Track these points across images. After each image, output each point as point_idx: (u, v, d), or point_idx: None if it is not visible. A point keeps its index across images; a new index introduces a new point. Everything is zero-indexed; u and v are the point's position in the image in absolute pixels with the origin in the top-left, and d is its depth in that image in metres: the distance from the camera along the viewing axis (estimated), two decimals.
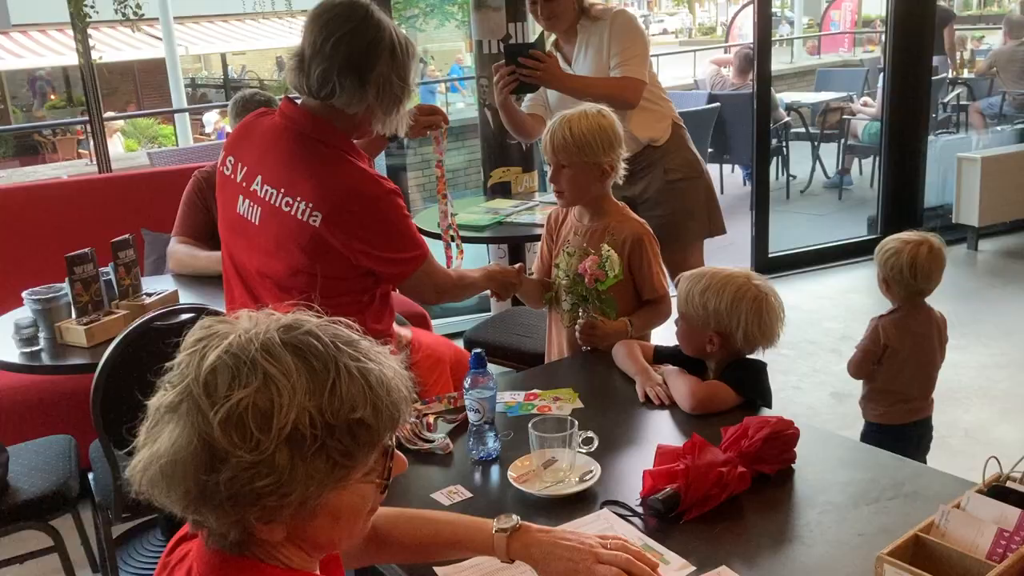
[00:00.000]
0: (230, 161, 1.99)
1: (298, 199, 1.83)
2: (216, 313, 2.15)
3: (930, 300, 2.53)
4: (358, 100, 1.83)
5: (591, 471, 1.59)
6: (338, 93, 1.82)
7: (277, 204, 1.87)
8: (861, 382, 2.56)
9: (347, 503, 0.94)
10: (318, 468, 0.87)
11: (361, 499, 0.96)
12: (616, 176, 2.27)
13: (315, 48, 1.82)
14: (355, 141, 1.97)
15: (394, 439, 0.98)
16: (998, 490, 1.32)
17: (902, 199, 5.68)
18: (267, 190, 1.88)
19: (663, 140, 3.03)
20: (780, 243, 5.51)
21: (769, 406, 1.90)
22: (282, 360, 0.87)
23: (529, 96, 3.11)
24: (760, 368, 1.92)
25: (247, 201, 1.94)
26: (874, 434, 2.50)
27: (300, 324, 0.91)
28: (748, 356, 1.92)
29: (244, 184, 1.94)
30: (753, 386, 1.89)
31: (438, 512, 1.33)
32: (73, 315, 2.50)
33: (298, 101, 1.95)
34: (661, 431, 1.81)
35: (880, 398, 2.51)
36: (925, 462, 2.54)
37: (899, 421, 2.50)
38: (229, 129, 3.05)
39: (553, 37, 3.08)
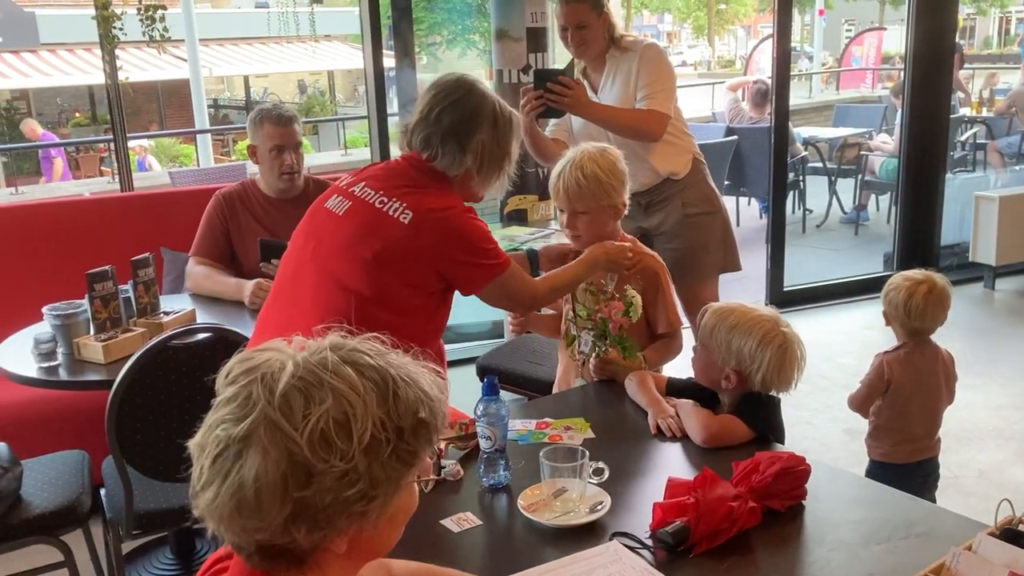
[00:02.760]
0: (346, 176, 2.13)
1: (394, 200, 1.95)
2: (234, 333, 2.20)
3: (945, 339, 2.53)
4: (458, 164, 1.99)
5: (601, 502, 1.59)
6: (439, 157, 1.99)
7: (371, 201, 1.98)
8: (867, 420, 2.55)
9: (404, 504, 1.00)
10: (394, 469, 0.94)
11: (412, 497, 1.02)
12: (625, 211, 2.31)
13: (421, 116, 2.01)
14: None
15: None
16: (1010, 533, 1.31)
17: (919, 236, 5.67)
18: (366, 191, 2.00)
19: (683, 174, 3.05)
20: (795, 277, 5.50)
21: (782, 442, 1.90)
22: (345, 376, 0.93)
23: (554, 121, 3.13)
24: (775, 404, 1.92)
25: (339, 198, 2.04)
26: (878, 473, 2.48)
27: (343, 343, 0.98)
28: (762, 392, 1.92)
29: (344, 186, 2.06)
30: (767, 421, 1.89)
31: (459, 573, 1.33)
32: (91, 331, 2.53)
33: None
34: (672, 464, 1.81)
35: (884, 436, 2.49)
36: (934, 502, 2.53)
37: (904, 460, 2.48)
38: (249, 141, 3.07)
39: (582, 65, 3.11)
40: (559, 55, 3.81)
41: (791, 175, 6.96)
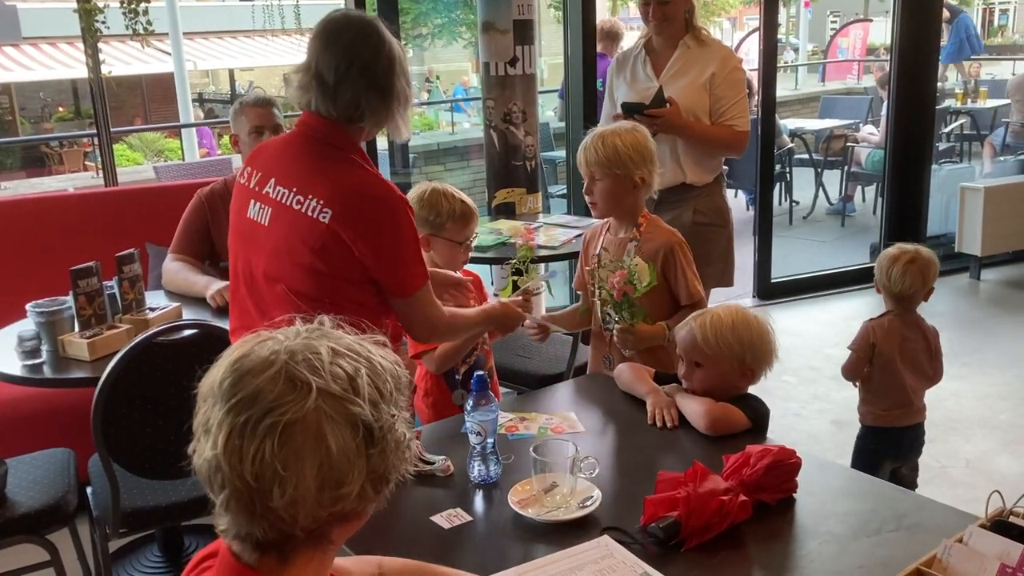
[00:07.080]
0: (247, 171, 2.00)
1: (310, 197, 1.84)
2: (220, 329, 2.17)
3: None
4: (385, 118, 1.89)
5: (592, 497, 1.59)
6: (367, 115, 1.86)
7: (288, 203, 1.87)
8: (857, 391, 2.64)
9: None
10: (401, 421, 1.00)
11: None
12: (650, 191, 2.35)
13: (339, 73, 1.84)
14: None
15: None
16: (1001, 525, 1.32)
17: (905, 227, 5.69)
18: (279, 191, 1.89)
19: (704, 183, 3.07)
20: (782, 269, 5.51)
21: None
22: (350, 344, 0.99)
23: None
24: (760, 401, 1.94)
25: (258, 204, 1.93)
26: (870, 438, 2.61)
27: (306, 325, 1.02)
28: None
29: (256, 188, 1.94)
30: (759, 412, 1.90)
31: (450, 570, 1.33)
32: (76, 328, 2.51)
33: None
34: (663, 458, 1.81)
35: (876, 401, 2.58)
36: (917, 468, 2.67)
37: (895, 424, 2.58)
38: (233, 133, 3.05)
39: (639, 48, 3.13)
40: (545, 48, 3.80)
41: (778, 167, 6.96)
